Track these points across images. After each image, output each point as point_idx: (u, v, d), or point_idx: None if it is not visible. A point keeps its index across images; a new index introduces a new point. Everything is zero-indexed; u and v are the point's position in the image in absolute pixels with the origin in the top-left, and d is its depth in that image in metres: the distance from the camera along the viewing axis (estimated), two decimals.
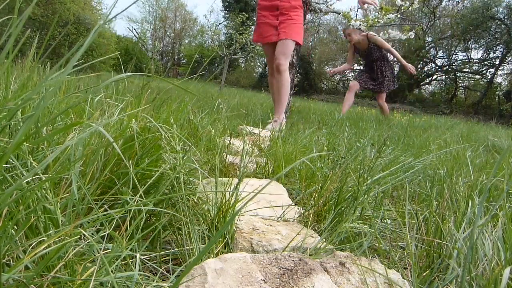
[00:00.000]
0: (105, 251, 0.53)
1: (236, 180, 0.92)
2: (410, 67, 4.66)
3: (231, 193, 0.76)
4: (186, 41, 32.16)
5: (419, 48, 21.62)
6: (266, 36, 3.11)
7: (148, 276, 0.58)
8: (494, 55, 20.51)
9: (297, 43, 3.11)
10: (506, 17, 18.61)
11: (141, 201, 0.64)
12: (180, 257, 0.68)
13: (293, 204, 1.00)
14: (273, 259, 0.60)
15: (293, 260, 0.60)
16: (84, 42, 0.41)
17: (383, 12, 4.72)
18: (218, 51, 10.83)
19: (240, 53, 11.56)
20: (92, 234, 0.57)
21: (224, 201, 0.75)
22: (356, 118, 4.97)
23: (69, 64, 0.40)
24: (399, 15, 4.79)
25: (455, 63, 22.66)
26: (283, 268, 0.58)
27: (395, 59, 5.08)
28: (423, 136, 3.27)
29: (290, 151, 1.49)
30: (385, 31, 4.99)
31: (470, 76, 22.76)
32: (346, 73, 25.38)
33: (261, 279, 0.55)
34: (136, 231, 0.61)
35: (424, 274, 0.70)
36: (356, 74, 5.19)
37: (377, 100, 5.22)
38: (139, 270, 0.52)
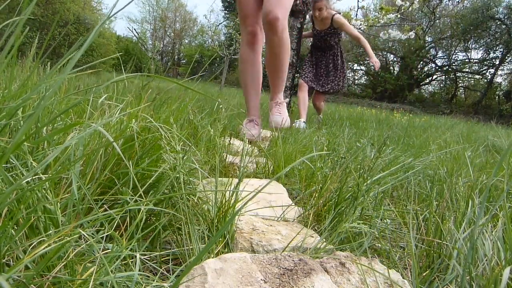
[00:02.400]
0: (105, 251, 0.53)
1: (236, 180, 0.92)
2: (377, 63, 3.75)
3: (231, 193, 0.76)
4: (186, 41, 32.21)
5: (419, 48, 21.64)
6: None
7: (148, 276, 0.58)
8: (494, 55, 20.55)
9: None
10: (506, 17, 18.63)
11: (141, 201, 0.64)
12: (180, 257, 0.68)
13: (293, 204, 1.00)
14: (273, 259, 0.60)
15: (293, 260, 0.60)
16: (83, 42, 0.41)
17: (383, 12, 4.73)
18: (218, 51, 10.82)
19: None
20: (92, 234, 0.57)
21: (224, 201, 0.75)
22: (356, 118, 4.97)
23: (69, 64, 0.40)
24: (399, 15, 4.79)
25: (455, 63, 22.70)
26: (283, 268, 0.58)
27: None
28: (423, 136, 3.27)
29: (290, 151, 1.49)
30: (385, 31, 4.99)
31: (470, 76, 22.80)
32: (346, 73, 25.36)
33: (261, 279, 0.55)
34: (136, 231, 0.61)
35: (424, 274, 0.70)
36: (301, 70, 4.12)
37: (314, 101, 4.16)
38: (139, 270, 0.52)
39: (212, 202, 0.76)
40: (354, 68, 25.49)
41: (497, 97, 20.65)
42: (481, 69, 21.67)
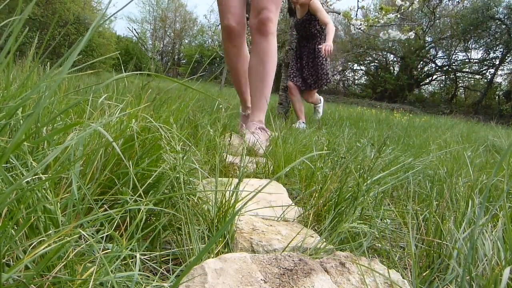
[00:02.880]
0: (105, 251, 0.53)
1: (236, 180, 0.92)
2: (327, 46, 3.39)
3: (231, 193, 0.76)
4: (186, 41, 32.20)
5: (419, 48, 21.64)
6: None
7: (148, 276, 0.58)
8: (494, 55, 20.55)
9: None
10: (506, 17, 18.64)
11: (141, 201, 0.64)
12: (180, 257, 0.68)
13: (293, 204, 1.00)
14: (273, 259, 0.60)
15: (293, 260, 0.60)
16: (82, 40, 0.41)
17: (383, 12, 4.73)
18: (218, 51, 10.83)
19: None
20: (92, 234, 0.57)
21: (224, 201, 0.75)
22: (356, 118, 4.97)
23: (68, 62, 0.40)
24: (399, 15, 4.79)
25: (455, 63, 22.70)
26: (283, 268, 0.58)
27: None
28: (423, 136, 3.27)
29: (290, 151, 1.49)
30: (385, 31, 4.99)
31: (470, 76, 22.80)
32: (346, 73, 25.37)
33: (261, 279, 0.55)
34: (136, 231, 0.61)
35: (424, 274, 0.70)
36: (289, 68, 4.03)
37: (305, 99, 4.07)
38: (139, 270, 0.52)
39: (212, 202, 0.76)
40: (354, 68, 25.49)
41: (497, 97, 20.66)
42: (481, 69, 21.68)
